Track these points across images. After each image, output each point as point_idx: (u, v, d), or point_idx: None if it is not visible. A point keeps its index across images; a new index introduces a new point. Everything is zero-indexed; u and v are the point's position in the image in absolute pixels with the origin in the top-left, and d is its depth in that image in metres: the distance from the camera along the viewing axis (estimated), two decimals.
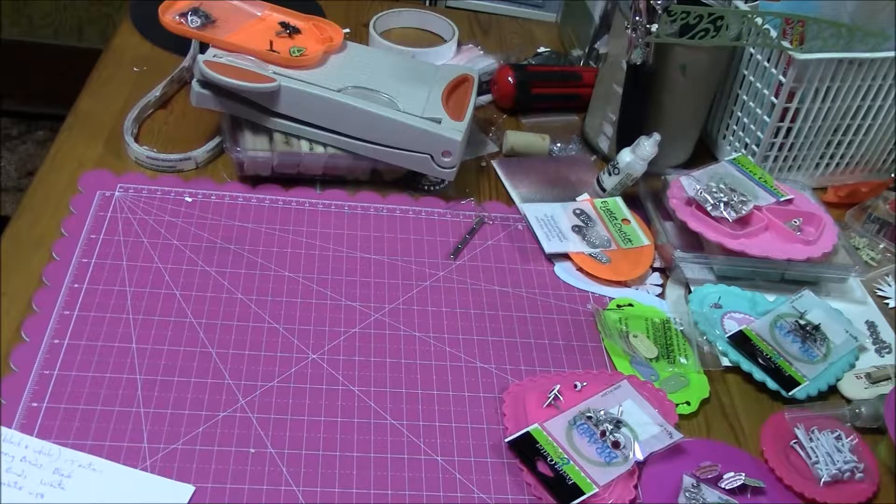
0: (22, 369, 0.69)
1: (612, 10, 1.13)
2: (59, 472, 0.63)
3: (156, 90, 1.01)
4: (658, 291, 0.90)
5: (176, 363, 0.73)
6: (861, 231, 1.03)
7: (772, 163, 1.06)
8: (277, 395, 0.72)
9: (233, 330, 0.77)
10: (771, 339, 0.84)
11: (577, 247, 0.93)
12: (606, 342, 0.83)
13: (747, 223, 0.92)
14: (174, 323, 0.76)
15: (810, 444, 0.75)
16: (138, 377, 0.71)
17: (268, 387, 0.73)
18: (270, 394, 0.72)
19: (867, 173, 1.13)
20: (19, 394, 0.68)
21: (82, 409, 0.68)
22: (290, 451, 0.68)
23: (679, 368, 0.81)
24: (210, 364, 0.73)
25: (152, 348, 0.74)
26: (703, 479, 0.70)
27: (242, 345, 0.76)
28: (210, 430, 0.68)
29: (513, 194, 1.00)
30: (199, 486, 0.64)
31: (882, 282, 0.97)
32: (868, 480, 0.73)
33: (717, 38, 0.95)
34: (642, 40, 0.93)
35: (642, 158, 0.96)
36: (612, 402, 0.74)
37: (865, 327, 0.90)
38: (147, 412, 0.69)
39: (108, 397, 0.69)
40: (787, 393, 0.80)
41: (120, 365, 0.72)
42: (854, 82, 1.00)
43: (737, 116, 1.08)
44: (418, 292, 0.85)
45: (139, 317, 0.76)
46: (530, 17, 1.40)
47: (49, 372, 0.70)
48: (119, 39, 1.14)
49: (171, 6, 0.95)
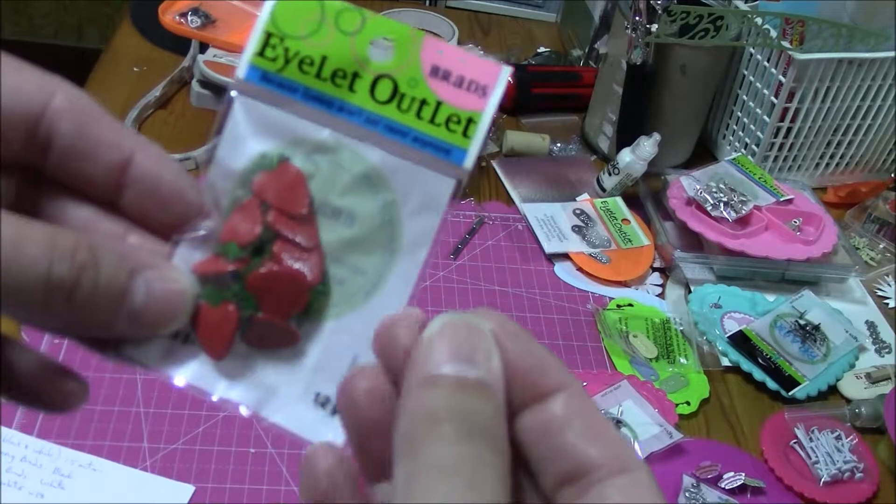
0: None
1: (612, 10, 1.13)
2: (59, 472, 0.63)
3: (156, 90, 1.01)
4: (658, 291, 0.90)
5: None
6: (861, 231, 1.03)
7: (772, 163, 1.06)
8: None
9: None
10: (771, 339, 0.84)
11: (577, 247, 0.93)
12: (606, 342, 0.83)
13: (747, 223, 0.92)
14: None
15: (810, 444, 0.75)
16: (138, 377, 0.71)
17: None
18: None
19: (867, 173, 1.13)
20: None
21: (82, 408, 0.68)
22: (289, 451, 0.68)
23: (679, 368, 0.81)
24: None
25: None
26: (703, 479, 0.70)
27: None
28: (210, 430, 0.68)
29: (513, 194, 1.00)
30: (199, 486, 0.64)
31: (882, 282, 0.97)
32: (868, 480, 0.73)
33: (717, 38, 0.95)
34: (642, 40, 0.93)
35: (642, 158, 0.96)
36: (612, 402, 0.74)
37: (865, 327, 0.90)
38: (147, 412, 0.69)
39: (108, 397, 0.69)
40: (787, 393, 0.80)
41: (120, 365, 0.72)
42: (854, 82, 1.00)
43: (737, 116, 1.08)
44: (418, 292, 0.85)
45: None
46: (530, 17, 1.40)
47: None
48: (119, 39, 1.14)
49: (171, 6, 0.95)
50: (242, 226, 0.28)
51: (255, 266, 0.27)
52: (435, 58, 0.28)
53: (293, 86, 0.28)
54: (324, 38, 0.28)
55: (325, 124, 0.28)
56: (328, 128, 0.28)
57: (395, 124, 0.28)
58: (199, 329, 0.28)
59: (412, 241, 0.28)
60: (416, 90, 0.28)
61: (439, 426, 0.22)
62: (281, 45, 0.28)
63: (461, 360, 0.23)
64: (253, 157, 0.28)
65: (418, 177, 0.28)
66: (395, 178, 0.28)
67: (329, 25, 0.28)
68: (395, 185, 0.28)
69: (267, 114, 0.28)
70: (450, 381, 0.23)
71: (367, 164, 0.28)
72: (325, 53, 0.28)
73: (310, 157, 0.28)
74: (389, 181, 0.28)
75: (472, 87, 0.28)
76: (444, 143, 0.28)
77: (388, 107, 0.28)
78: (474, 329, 0.24)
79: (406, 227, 0.28)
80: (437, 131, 0.28)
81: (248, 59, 0.28)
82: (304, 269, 0.27)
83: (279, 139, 0.28)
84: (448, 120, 0.28)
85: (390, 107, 0.28)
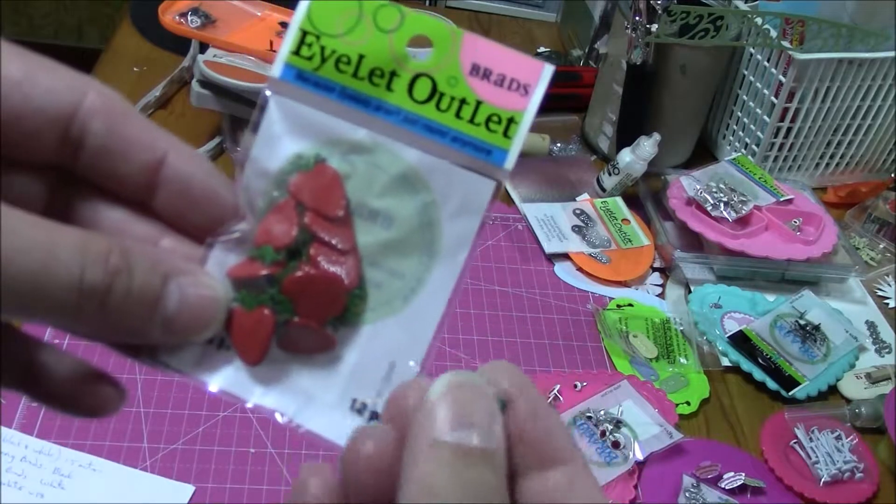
0: None
1: (612, 10, 1.13)
2: (59, 472, 0.63)
3: (156, 90, 1.01)
4: (658, 291, 0.90)
5: None
6: (861, 231, 1.03)
7: (772, 163, 1.06)
8: None
9: None
10: (771, 339, 0.84)
11: (577, 247, 0.93)
12: (606, 342, 0.83)
13: (747, 223, 0.92)
14: None
15: (810, 444, 0.75)
16: (138, 377, 0.71)
17: None
18: None
19: (867, 173, 1.13)
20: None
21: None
22: (289, 451, 0.68)
23: (679, 368, 0.81)
24: None
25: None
26: (703, 479, 0.70)
27: None
28: (210, 430, 0.68)
29: (513, 194, 1.00)
30: (199, 486, 0.64)
31: (882, 282, 0.97)
32: (868, 480, 0.73)
33: (717, 38, 0.95)
34: (642, 40, 0.93)
35: (642, 158, 0.96)
36: (612, 402, 0.74)
37: (865, 327, 0.90)
38: (147, 412, 0.69)
39: None
40: (787, 393, 0.80)
41: (120, 365, 0.72)
42: (854, 82, 1.00)
43: (737, 116, 1.08)
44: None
45: None
46: (530, 17, 1.40)
47: None
48: (119, 39, 1.14)
49: (171, 6, 0.95)
50: (278, 227, 0.27)
51: (291, 269, 0.27)
52: (475, 56, 0.27)
53: (329, 85, 0.27)
54: (361, 36, 0.27)
55: (362, 124, 0.27)
56: (365, 128, 0.27)
57: (433, 124, 0.27)
58: (234, 334, 0.27)
59: (452, 244, 0.28)
60: (455, 89, 0.27)
61: (443, 500, 0.21)
62: (317, 43, 0.27)
63: (463, 426, 0.22)
64: (289, 158, 0.28)
65: (458, 178, 0.27)
66: (433, 179, 0.27)
67: (367, 23, 0.27)
68: (433, 187, 0.27)
69: (302, 113, 0.28)
70: (451, 448, 0.22)
71: (404, 165, 0.27)
72: (363, 52, 0.27)
73: (346, 157, 0.27)
74: (428, 182, 0.27)
75: (514, 85, 0.27)
76: (484, 144, 0.27)
77: (426, 106, 0.27)
78: (478, 392, 0.23)
79: (445, 229, 0.28)
80: (476, 131, 0.27)
81: (284, 58, 0.27)
82: (341, 273, 0.27)
83: (315, 139, 0.28)
84: (488, 120, 0.27)
85: (429, 106, 0.27)
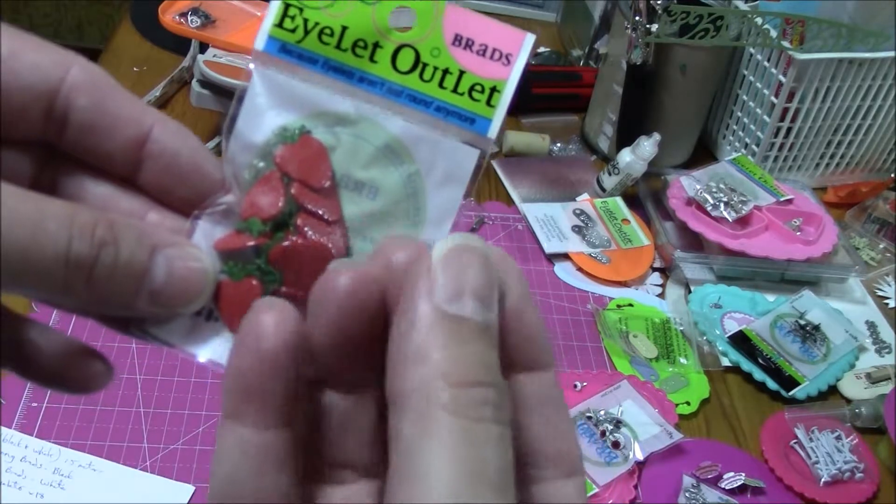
0: None
1: (612, 10, 1.13)
2: (59, 472, 0.63)
3: (156, 90, 1.01)
4: (658, 291, 0.90)
5: (176, 363, 0.73)
6: (861, 231, 1.03)
7: (772, 163, 1.06)
8: None
9: None
10: (771, 339, 0.84)
11: (577, 247, 0.93)
12: (606, 342, 0.83)
13: (747, 223, 0.92)
14: None
15: (810, 444, 0.75)
16: (138, 377, 0.71)
17: None
18: None
19: (867, 173, 1.13)
20: (19, 394, 0.68)
21: (82, 409, 0.68)
22: None
23: (679, 368, 0.81)
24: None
25: (152, 348, 0.73)
26: (703, 479, 0.70)
27: None
28: (210, 430, 0.68)
29: (513, 194, 1.00)
30: (199, 486, 0.64)
31: (882, 282, 0.97)
32: (868, 480, 0.73)
33: (717, 38, 0.95)
34: (642, 40, 0.93)
35: (642, 158, 0.96)
36: (612, 402, 0.74)
37: (865, 327, 0.90)
38: (147, 412, 0.69)
39: (107, 397, 0.69)
40: (787, 393, 0.80)
41: (120, 365, 0.72)
42: (854, 82, 1.00)
43: (737, 116, 1.08)
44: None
45: None
46: (530, 17, 1.40)
47: None
48: (119, 39, 1.14)
49: (171, 6, 0.95)
50: (264, 199, 0.27)
51: (278, 240, 0.27)
52: (457, 26, 0.27)
53: (313, 57, 0.27)
54: (344, 8, 0.27)
55: (346, 96, 0.28)
56: (349, 99, 0.28)
57: (417, 94, 0.27)
58: (222, 305, 0.27)
59: (437, 214, 0.28)
60: (438, 59, 0.27)
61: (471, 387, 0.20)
62: (300, 15, 0.27)
63: (479, 299, 0.21)
64: (274, 130, 0.28)
65: (442, 147, 0.28)
66: (417, 149, 0.28)
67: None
68: (418, 157, 0.28)
69: (287, 86, 0.28)
70: (454, 321, 0.20)
71: (388, 136, 0.28)
72: (345, 23, 0.27)
73: (331, 129, 0.28)
74: (412, 152, 0.28)
75: (496, 55, 0.27)
76: (467, 113, 0.27)
77: (410, 77, 0.27)
78: (488, 263, 0.22)
79: (430, 199, 0.28)
80: (460, 100, 0.27)
81: (267, 31, 0.28)
82: (328, 243, 0.27)
83: (299, 111, 0.28)
84: (471, 89, 0.27)
85: (412, 77, 0.27)
